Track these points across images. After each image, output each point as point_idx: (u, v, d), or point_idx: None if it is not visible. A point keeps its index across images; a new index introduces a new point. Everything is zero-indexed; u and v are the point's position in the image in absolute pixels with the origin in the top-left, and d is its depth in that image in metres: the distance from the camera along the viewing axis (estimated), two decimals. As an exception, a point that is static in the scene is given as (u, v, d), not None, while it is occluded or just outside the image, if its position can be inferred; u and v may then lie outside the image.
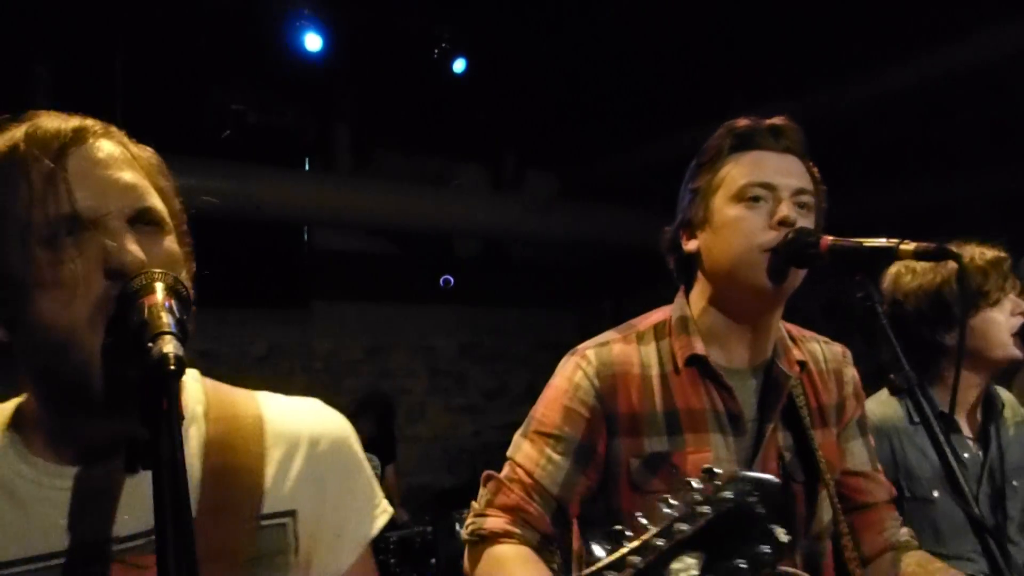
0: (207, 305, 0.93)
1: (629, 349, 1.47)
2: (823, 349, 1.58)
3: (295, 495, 0.98)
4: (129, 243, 0.84)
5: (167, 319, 0.76)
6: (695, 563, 0.83)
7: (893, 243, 1.24)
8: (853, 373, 1.59)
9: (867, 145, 5.16)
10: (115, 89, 4.36)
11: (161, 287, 0.80)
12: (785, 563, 1.36)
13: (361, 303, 6.52)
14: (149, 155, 0.96)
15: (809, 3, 3.94)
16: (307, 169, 5.94)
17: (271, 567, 0.93)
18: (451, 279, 6.45)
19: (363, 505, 1.05)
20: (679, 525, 0.85)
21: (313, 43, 4.62)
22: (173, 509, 0.68)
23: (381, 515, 1.06)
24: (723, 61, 4.62)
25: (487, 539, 1.40)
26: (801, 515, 1.43)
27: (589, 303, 7.21)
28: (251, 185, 4.91)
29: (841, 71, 4.54)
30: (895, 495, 1.61)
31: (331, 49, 4.65)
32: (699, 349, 1.44)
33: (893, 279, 2.02)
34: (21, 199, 0.83)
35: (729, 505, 0.85)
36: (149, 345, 0.73)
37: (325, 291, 6.24)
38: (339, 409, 1.09)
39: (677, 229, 1.53)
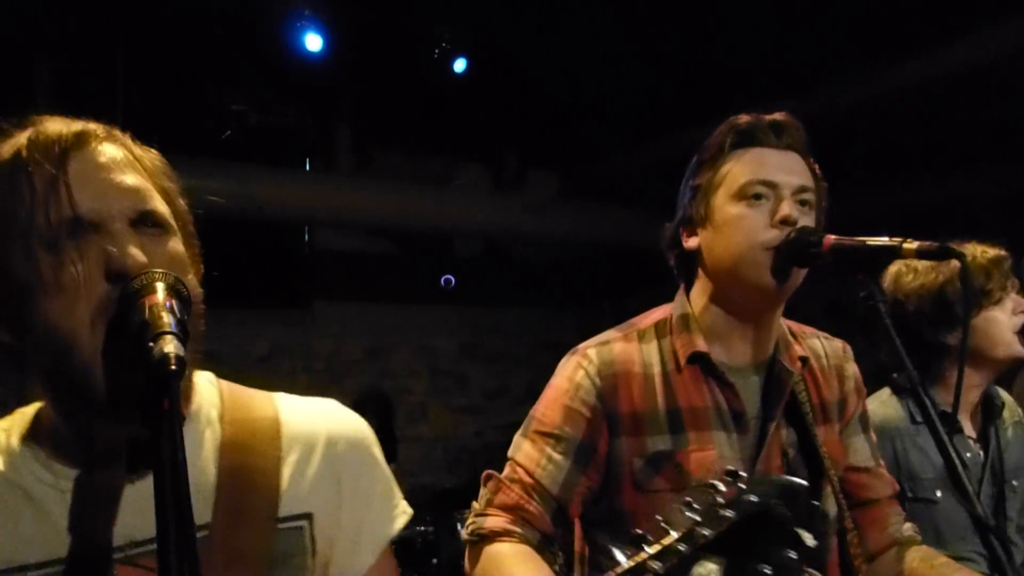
0: (208, 305, 0.94)
1: (630, 348, 1.47)
2: (824, 345, 1.58)
3: (312, 497, 0.97)
4: (131, 246, 0.84)
5: (168, 319, 0.76)
6: (717, 568, 0.81)
7: (896, 242, 1.24)
8: (854, 369, 1.59)
9: (867, 145, 5.15)
10: (116, 89, 4.35)
11: (162, 287, 0.80)
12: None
13: (362, 303, 6.51)
14: (153, 157, 0.96)
15: (809, 3, 3.93)
16: (308, 169, 5.93)
17: (288, 569, 0.93)
18: (452, 279, 6.44)
19: (382, 506, 1.05)
20: (701, 529, 0.83)
21: (314, 43, 4.61)
22: (175, 509, 0.68)
23: (400, 516, 1.06)
24: (723, 61, 4.61)
25: (487, 538, 1.40)
26: None
27: (589, 303, 7.20)
28: (252, 185, 4.89)
29: (841, 71, 4.53)
30: (898, 490, 1.61)
31: (332, 49, 4.64)
32: (701, 346, 1.43)
33: (894, 278, 2.01)
34: (24, 203, 0.83)
35: (753, 508, 0.83)
36: (150, 345, 0.73)
37: (326, 291, 6.23)
38: (339, 409, 1.08)
39: (678, 226, 1.52)
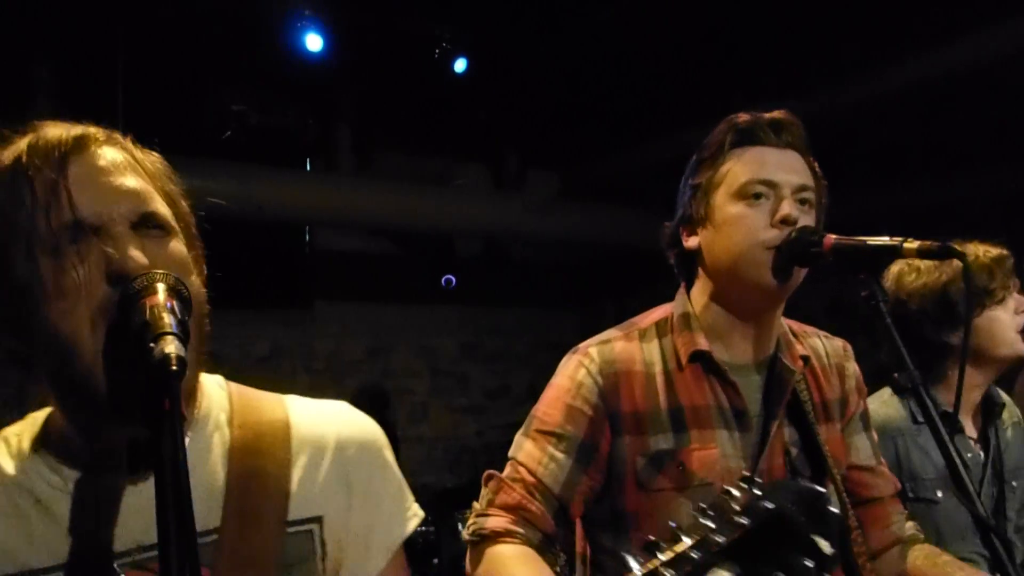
0: (209, 305, 0.94)
1: (631, 347, 1.47)
2: (824, 344, 1.58)
3: (322, 500, 0.97)
4: (131, 249, 0.84)
5: (169, 319, 0.76)
6: None
7: (897, 241, 1.24)
8: (855, 368, 1.59)
9: (867, 145, 5.14)
10: (116, 90, 4.35)
11: (163, 288, 0.80)
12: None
13: (363, 303, 6.51)
14: (154, 160, 0.96)
15: (809, 3, 3.93)
16: (308, 169, 5.93)
17: (298, 573, 0.93)
18: (453, 279, 6.43)
19: (393, 509, 1.04)
20: (714, 536, 0.81)
21: (314, 43, 4.61)
22: (176, 509, 0.68)
23: (412, 518, 1.05)
24: (723, 61, 4.61)
25: (488, 538, 1.40)
26: None
27: (590, 303, 7.20)
28: (252, 186, 4.89)
29: (841, 71, 4.53)
30: (900, 488, 1.61)
31: (332, 49, 4.65)
32: (702, 345, 1.43)
33: (896, 278, 2.00)
34: (25, 209, 0.83)
35: (768, 515, 0.81)
36: (151, 346, 0.73)
37: (327, 291, 6.23)
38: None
39: (677, 225, 1.52)
